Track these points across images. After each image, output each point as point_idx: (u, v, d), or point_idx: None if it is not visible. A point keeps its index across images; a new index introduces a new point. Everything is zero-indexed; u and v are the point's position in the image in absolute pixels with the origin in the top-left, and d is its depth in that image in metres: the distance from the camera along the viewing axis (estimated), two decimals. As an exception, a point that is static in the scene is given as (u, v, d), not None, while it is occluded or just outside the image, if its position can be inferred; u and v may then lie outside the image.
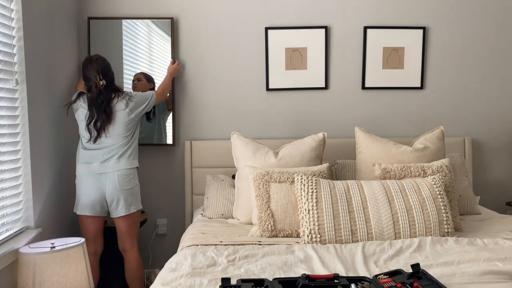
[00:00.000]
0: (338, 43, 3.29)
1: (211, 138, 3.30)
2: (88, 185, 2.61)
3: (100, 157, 2.62)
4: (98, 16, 3.17)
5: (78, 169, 2.67)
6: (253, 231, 2.44)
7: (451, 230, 2.31)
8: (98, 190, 2.60)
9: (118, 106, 2.64)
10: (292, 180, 2.49)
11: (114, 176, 2.61)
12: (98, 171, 2.60)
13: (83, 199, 2.63)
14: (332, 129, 3.29)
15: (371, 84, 3.32)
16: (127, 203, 2.65)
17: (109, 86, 2.64)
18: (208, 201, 2.91)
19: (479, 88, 3.39)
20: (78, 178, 2.66)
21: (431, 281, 1.67)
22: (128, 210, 2.67)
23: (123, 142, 2.66)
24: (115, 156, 2.63)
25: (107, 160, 2.62)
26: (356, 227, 2.26)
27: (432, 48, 3.33)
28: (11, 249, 2.16)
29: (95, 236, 2.72)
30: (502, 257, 1.97)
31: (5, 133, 2.25)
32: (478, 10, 3.32)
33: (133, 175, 2.70)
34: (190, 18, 3.23)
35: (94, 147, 2.63)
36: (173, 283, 1.78)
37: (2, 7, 2.23)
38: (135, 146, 2.74)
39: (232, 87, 3.29)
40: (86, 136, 2.64)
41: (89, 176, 2.61)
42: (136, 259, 2.78)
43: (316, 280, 1.66)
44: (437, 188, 2.39)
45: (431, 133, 2.86)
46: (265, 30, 3.24)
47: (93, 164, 2.62)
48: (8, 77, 2.27)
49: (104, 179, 2.60)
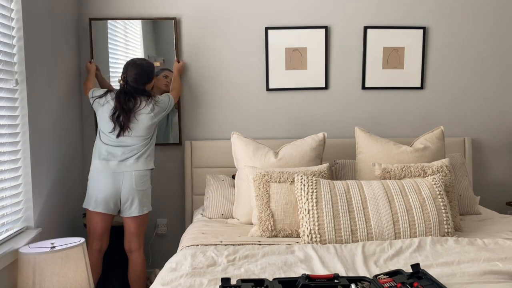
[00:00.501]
0: (338, 43, 3.29)
1: (211, 138, 3.30)
2: (104, 182, 2.62)
3: (119, 155, 2.63)
4: (99, 17, 3.17)
5: (94, 164, 2.67)
6: (253, 231, 2.44)
7: (451, 230, 2.31)
8: (114, 188, 2.62)
9: (145, 110, 2.67)
10: (292, 180, 2.49)
11: (131, 176, 2.63)
12: (116, 169, 2.62)
13: (98, 196, 2.63)
14: (332, 129, 3.29)
15: (371, 84, 3.32)
16: (141, 203, 2.68)
17: (138, 89, 2.68)
18: (208, 201, 2.91)
19: (479, 88, 3.39)
20: (93, 173, 2.67)
21: (431, 281, 1.67)
22: (142, 211, 2.69)
23: (143, 143, 2.70)
24: (134, 156, 2.65)
25: (126, 159, 2.64)
26: (356, 227, 2.26)
27: (432, 48, 3.33)
28: (11, 249, 2.16)
29: (103, 233, 2.72)
30: (502, 257, 1.97)
31: (5, 133, 2.25)
32: (478, 10, 3.32)
33: (148, 176, 2.74)
34: (191, 18, 3.23)
35: (114, 144, 2.65)
36: (173, 283, 1.78)
37: (2, 7, 2.23)
38: (152, 148, 2.77)
39: (232, 87, 3.29)
40: (108, 128, 2.65)
41: (106, 173, 2.62)
42: (141, 261, 2.78)
43: (316, 280, 1.66)
44: (437, 188, 2.39)
45: (431, 133, 2.86)
46: (265, 30, 3.24)
47: (111, 161, 2.63)
48: (8, 77, 2.27)
49: (122, 177, 2.62)
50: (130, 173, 2.63)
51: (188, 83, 3.28)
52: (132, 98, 2.65)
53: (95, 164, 2.67)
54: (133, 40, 3.23)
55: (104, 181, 2.62)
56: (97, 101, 2.72)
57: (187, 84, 3.27)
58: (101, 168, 2.64)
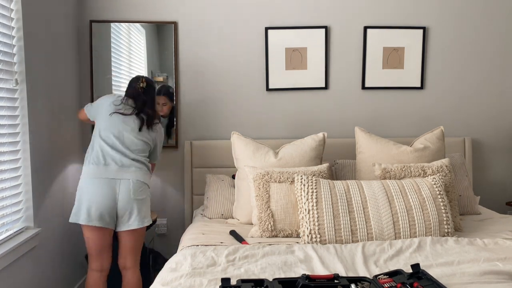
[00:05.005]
0: (338, 43, 3.29)
1: (211, 138, 3.30)
2: (99, 191, 2.33)
3: (118, 160, 2.40)
4: (100, 19, 3.17)
5: (87, 171, 2.40)
6: (253, 231, 2.44)
7: (451, 230, 2.31)
8: (110, 197, 2.34)
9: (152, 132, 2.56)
10: (292, 180, 2.49)
11: (128, 184, 2.37)
12: (115, 175, 2.36)
13: (90, 207, 2.32)
14: (332, 129, 3.29)
15: (371, 84, 3.32)
16: (141, 214, 2.40)
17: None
18: (208, 201, 2.91)
19: (479, 88, 3.39)
20: (85, 181, 2.37)
21: (431, 281, 1.67)
22: (142, 223, 2.41)
23: (146, 154, 2.54)
24: (137, 164, 2.45)
25: (127, 165, 2.40)
26: (356, 227, 2.26)
27: (432, 48, 3.33)
28: (11, 249, 2.16)
29: (101, 251, 2.42)
30: (502, 257, 1.97)
31: (5, 133, 2.25)
32: (478, 10, 3.33)
33: (147, 186, 2.49)
34: (191, 18, 3.23)
35: (117, 147, 2.42)
36: (173, 283, 1.78)
37: (2, 7, 2.23)
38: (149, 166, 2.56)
39: (232, 87, 3.29)
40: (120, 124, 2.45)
41: (100, 180, 2.34)
42: (137, 279, 2.50)
43: (316, 280, 1.66)
44: (437, 188, 2.39)
45: (431, 133, 2.86)
46: (265, 30, 3.24)
47: (110, 166, 2.38)
48: (8, 77, 2.27)
49: (118, 185, 2.35)
50: (128, 181, 2.37)
51: (189, 83, 3.27)
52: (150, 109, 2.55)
53: (88, 170, 2.39)
54: (136, 44, 3.23)
55: (99, 190, 2.32)
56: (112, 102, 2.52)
57: (188, 84, 3.27)
58: (97, 173, 2.35)
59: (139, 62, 3.23)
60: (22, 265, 2.32)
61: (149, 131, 2.53)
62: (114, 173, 2.37)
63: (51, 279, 2.67)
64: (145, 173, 2.48)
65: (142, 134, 2.50)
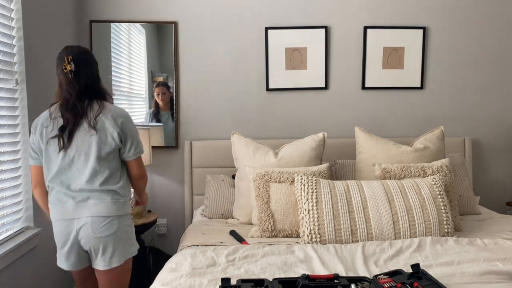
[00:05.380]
0: (338, 43, 3.29)
1: (211, 138, 3.30)
2: (59, 235, 2.00)
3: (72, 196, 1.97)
4: (100, 19, 3.17)
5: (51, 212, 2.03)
6: (253, 231, 2.44)
7: (451, 230, 2.31)
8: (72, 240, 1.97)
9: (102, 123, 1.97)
10: (292, 180, 2.49)
11: (86, 222, 1.94)
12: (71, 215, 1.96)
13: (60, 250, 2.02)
14: (332, 129, 3.29)
15: (371, 84, 3.32)
16: (106, 254, 1.97)
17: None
18: (208, 201, 2.91)
19: (479, 88, 3.39)
20: (53, 224, 2.03)
21: (431, 281, 1.67)
22: (109, 264, 1.98)
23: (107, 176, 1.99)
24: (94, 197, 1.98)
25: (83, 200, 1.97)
26: (356, 227, 2.26)
27: (432, 48, 3.33)
28: (11, 249, 2.16)
29: (86, 283, 2.13)
30: (502, 257, 1.97)
31: (5, 133, 2.25)
32: (478, 10, 3.32)
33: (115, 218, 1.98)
34: (191, 18, 3.23)
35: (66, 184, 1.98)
36: (173, 283, 1.78)
37: (2, 7, 2.23)
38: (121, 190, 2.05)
39: (232, 87, 3.29)
40: None
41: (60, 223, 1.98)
42: None
43: (316, 280, 1.66)
44: (437, 188, 2.39)
45: (431, 133, 2.86)
46: (265, 30, 3.24)
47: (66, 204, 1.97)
48: (8, 77, 2.27)
49: (76, 225, 1.95)
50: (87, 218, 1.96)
51: (189, 83, 3.28)
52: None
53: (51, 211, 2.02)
54: (136, 44, 3.23)
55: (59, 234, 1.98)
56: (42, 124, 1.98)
57: (188, 84, 3.27)
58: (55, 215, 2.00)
59: (139, 62, 3.24)
60: (22, 265, 2.32)
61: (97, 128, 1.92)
62: (71, 213, 1.95)
63: (51, 279, 2.67)
64: (111, 203, 1.96)
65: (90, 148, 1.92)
